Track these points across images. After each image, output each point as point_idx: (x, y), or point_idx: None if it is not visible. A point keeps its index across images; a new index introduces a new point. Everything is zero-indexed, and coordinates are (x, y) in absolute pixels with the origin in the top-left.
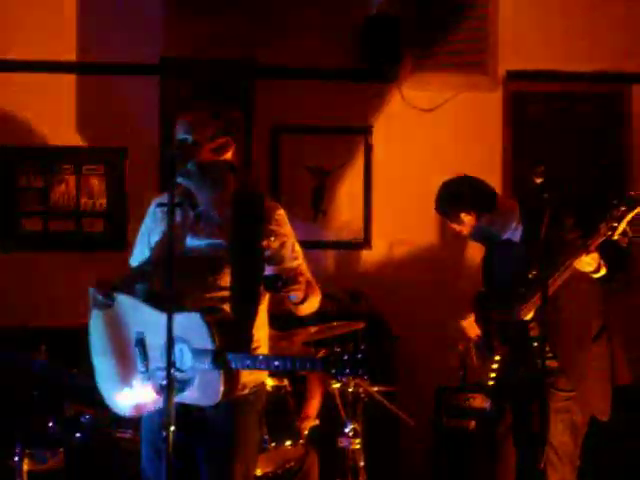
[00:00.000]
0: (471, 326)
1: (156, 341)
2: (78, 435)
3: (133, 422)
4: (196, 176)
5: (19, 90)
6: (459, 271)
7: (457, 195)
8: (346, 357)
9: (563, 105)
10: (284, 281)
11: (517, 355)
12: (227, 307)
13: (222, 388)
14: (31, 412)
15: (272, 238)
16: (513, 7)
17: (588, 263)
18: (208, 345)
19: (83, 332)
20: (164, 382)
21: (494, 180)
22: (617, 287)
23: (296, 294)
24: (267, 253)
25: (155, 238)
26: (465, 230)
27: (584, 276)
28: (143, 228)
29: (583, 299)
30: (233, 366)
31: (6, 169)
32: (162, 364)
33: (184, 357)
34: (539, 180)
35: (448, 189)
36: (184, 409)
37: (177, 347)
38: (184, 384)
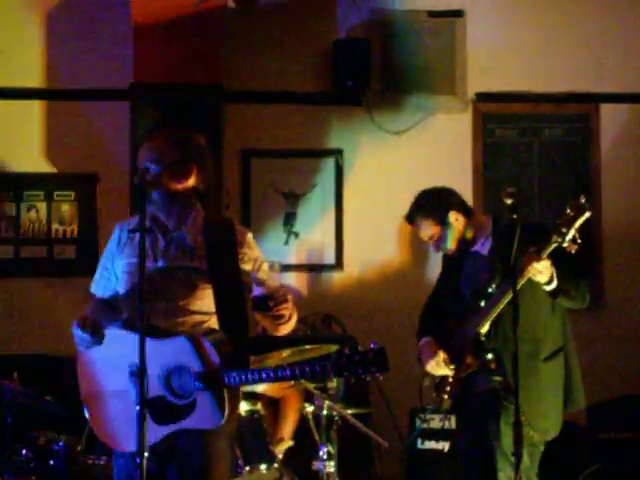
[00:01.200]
0: (438, 366)
1: (151, 370)
2: (51, 462)
3: (107, 448)
4: (163, 204)
5: None
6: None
7: (446, 195)
8: (357, 357)
9: (532, 126)
10: (275, 301)
11: (472, 370)
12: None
13: (227, 409)
14: (3, 440)
15: (245, 261)
16: (481, 29)
17: (540, 272)
18: (214, 366)
19: (55, 360)
20: (162, 409)
21: (466, 198)
22: (566, 299)
23: (285, 313)
24: (249, 277)
25: (121, 263)
26: (443, 235)
27: (538, 294)
28: (107, 253)
29: (538, 316)
30: (243, 381)
31: None
32: (161, 392)
33: (183, 383)
34: (509, 201)
35: (434, 191)
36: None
37: (175, 374)
38: (186, 410)
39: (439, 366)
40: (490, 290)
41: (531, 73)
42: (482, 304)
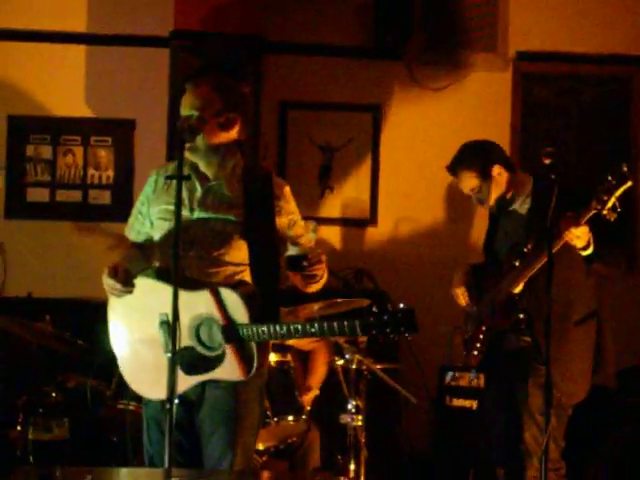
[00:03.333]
0: (463, 294)
1: (181, 321)
2: (81, 406)
3: (136, 395)
4: (204, 152)
5: (29, 60)
6: (465, 249)
7: (491, 148)
8: (386, 317)
9: (571, 86)
10: (309, 261)
11: (504, 328)
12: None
13: (256, 362)
14: (34, 382)
15: (282, 214)
16: None
17: (578, 237)
18: (243, 319)
19: (87, 304)
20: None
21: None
22: (602, 266)
23: (319, 274)
24: (287, 233)
25: (156, 208)
26: (484, 189)
27: (574, 257)
28: (142, 197)
29: (571, 279)
30: (271, 336)
31: (15, 139)
32: (191, 343)
33: (213, 334)
34: (548, 161)
35: (479, 143)
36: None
37: (205, 325)
38: (215, 361)
39: (458, 295)
40: (525, 250)
41: (572, 33)
42: (517, 264)
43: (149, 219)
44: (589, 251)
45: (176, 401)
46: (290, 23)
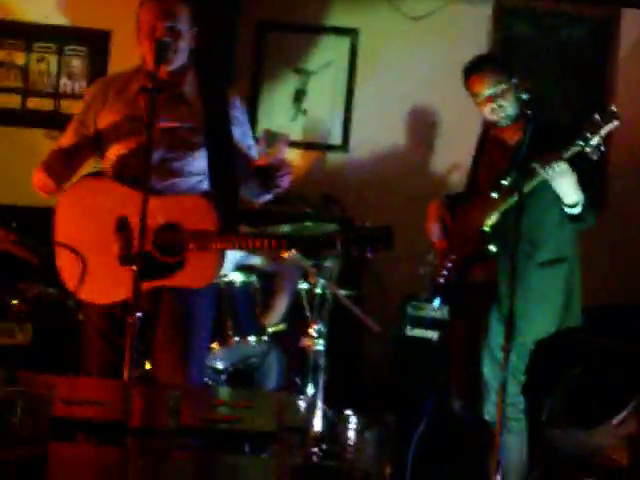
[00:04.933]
0: (435, 229)
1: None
2: (42, 314)
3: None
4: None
5: None
6: (438, 180)
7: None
8: (365, 233)
9: (552, 24)
10: (280, 172)
11: (474, 259)
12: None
13: (215, 269)
14: None
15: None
16: None
17: (559, 174)
18: (208, 226)
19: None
20: (148, 264)
21: None
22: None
23: (286, 182)
24: (240, 142)
25: (109, 118)
26: (507, 95)
27: (548, 199)
28: (85, 108)
29: (544, 221)
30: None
31: None
32: (149, 248)
33: (175, 241)
34: (525, 96)
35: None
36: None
37: (167, 231)
38: (174, 267)
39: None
40: (504, 182)
41: None
42: (494, 195)
43: (95, 129)
44: (575, 199)
45: (139, 314)
46: None
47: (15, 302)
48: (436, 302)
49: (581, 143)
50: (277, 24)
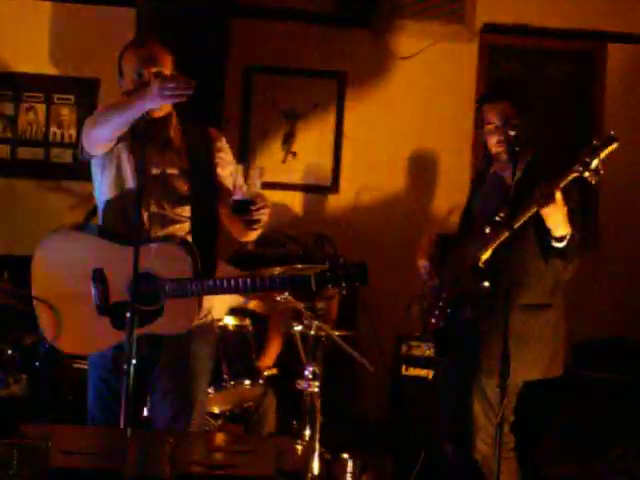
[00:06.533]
0: (425, 268)
1: (117, 275)
2: (36, 364)
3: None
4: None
5: None
6: (426, 218)
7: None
8: (341, 272)
9: (537, 61)
10: (256, 205)
11: (466, 296)
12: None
13: (196, 314)
14: None
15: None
16: None
17: (553, 203)
18: (185, 272)
19: None
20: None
21: (467, 128)
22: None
23: (264, 219)
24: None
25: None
26: (519, 126)
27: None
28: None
29: (525, 261)
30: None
31: None
32: (125, 298)
33: (151, 289)
34: (513, 133)
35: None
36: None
37: (143, 280)
38: (153, 315)
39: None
40: (497, 218)
41: (540, 7)
42: (487, 230)
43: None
44: (562, 232)
45: (134, 361)
46: None
47: (9, 352)
48: (427, 343)
49: (579, 168)
50: (264, 67)
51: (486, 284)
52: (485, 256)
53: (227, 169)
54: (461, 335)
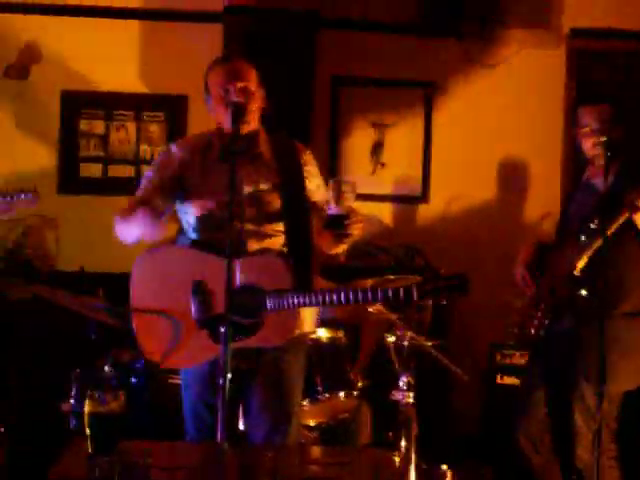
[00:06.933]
0: (522, 275)
1: (216, 288)
2: (133, 380)
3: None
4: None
5: (83, 35)
6: (516, 229)
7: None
8: (442, 283)
9: (628, 64)
10: (350, 220)
11: (563, 305)
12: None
13: (295, 326)
14: (87, 356)
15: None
16: None
17: None
18: (285, 285)
19: None
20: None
21: (556, 137)
22: None
23: (356, 233)
24: (314, 197)
25: (193, 183)
26: (617, 130)
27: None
28: (167, 171)
29: (628, 267)
30: (324, 301)
31: (68, 114)
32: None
33: (251, 302)
34: (603, 138)
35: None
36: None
37: (243, 293)
38: (252, 328)
39: (517, 275)
40: (592, 226)
41: (628, 10)
42: (582, 238)
43: (177, 194)
44: None
45: (229, 375)
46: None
47: (107, 369)
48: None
49: None
50: (352, 78)
51: (583, 292)
52: (581, 264)
53: (313, 182)
54: (560, 344)
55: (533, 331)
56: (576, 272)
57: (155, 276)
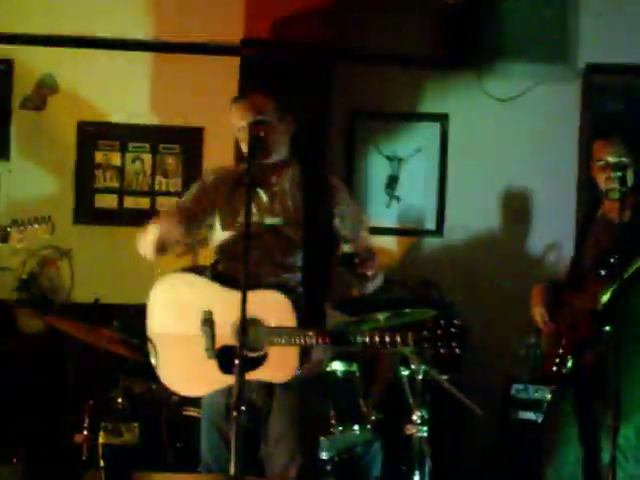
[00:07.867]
0: (541, 314)
1: (224, 320)
2: (147, 411)
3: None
4: (275, 156)
5: (99, 67)
6: (532, 263)
7: None
8: (440, 332)
9: None
10: (359, 259)
11: (585, 342)
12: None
13: (297, 363)
14: (101, 387)
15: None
16: None
17: None
18: (288, 322)
19: None
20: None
21: (571, 171)
22: None
23: (368, 272)
24: (342, 233)
25: (222, 214)
26: (627, 171)
27: None
28: (204, 199)
29: None
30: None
31: (84, 145)
32: (233, 342)
33: (257, 335)
34: (619, 173)
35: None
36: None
37: (249, 325)
38: (257, 362)
39: (536, 314)
40: (612, 260)
41: None
42: (602, 273)
43: (207, 221)
44: None
45: (243, 408)
46: (361, 33)
47: (120, 400)
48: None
49: None
50: (368, 112)
51: (608, 328)
52: (604, 299)
53: (347, 220)
54: (584, 381)
55: (555, 368)
56: (599, 307)
57: (171, 303)
